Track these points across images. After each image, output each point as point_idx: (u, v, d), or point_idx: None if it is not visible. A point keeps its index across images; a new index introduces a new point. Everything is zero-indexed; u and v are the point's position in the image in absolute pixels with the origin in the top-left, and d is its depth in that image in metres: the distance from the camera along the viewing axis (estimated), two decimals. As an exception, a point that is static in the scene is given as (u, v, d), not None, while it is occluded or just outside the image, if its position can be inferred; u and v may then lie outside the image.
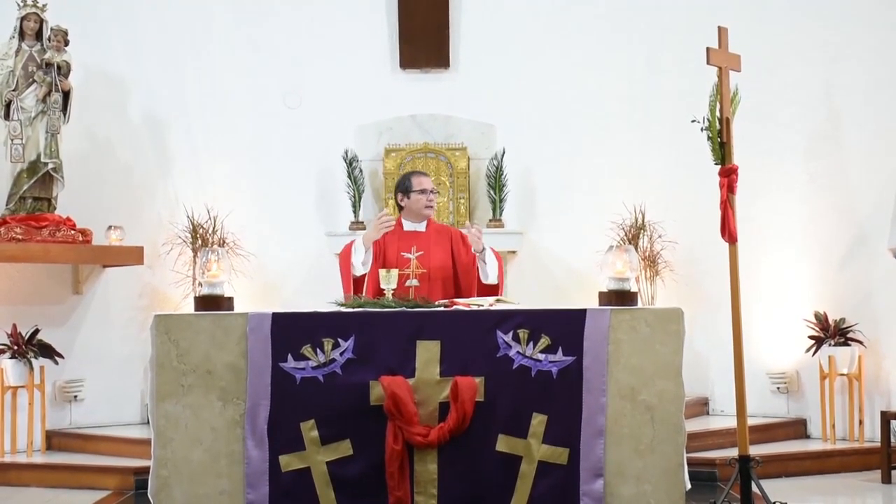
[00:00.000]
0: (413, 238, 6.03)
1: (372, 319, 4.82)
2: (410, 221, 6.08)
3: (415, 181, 6.02)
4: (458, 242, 6.04)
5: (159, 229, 8.08)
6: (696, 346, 7.53)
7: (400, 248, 5.97)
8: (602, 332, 4.77)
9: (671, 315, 4.83)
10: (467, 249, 5.98)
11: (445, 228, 6.22)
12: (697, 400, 7.79)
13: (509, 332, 4.80)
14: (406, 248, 5.92)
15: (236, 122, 8.40)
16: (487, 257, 5.84)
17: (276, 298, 8.22)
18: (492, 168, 8.33)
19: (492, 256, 5.87)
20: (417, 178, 6.03)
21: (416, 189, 5.99)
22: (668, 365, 4.78)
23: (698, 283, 7.89)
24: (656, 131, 8.21)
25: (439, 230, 6.15)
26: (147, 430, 6.43)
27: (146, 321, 7.42)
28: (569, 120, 8.41)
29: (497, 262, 5.88)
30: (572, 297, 7.89)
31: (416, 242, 5.97)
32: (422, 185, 5.99)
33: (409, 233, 6.09)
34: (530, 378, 4.77)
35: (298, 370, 4.77)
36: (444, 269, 5.95)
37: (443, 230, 6.16)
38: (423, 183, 6.00)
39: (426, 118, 8.57)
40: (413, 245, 5.94)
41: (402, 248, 5.96)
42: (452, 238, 6.06)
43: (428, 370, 4.79)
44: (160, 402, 4.75)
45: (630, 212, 8.02)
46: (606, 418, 4.75)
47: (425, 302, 5.15)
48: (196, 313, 4.88)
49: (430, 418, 4.77)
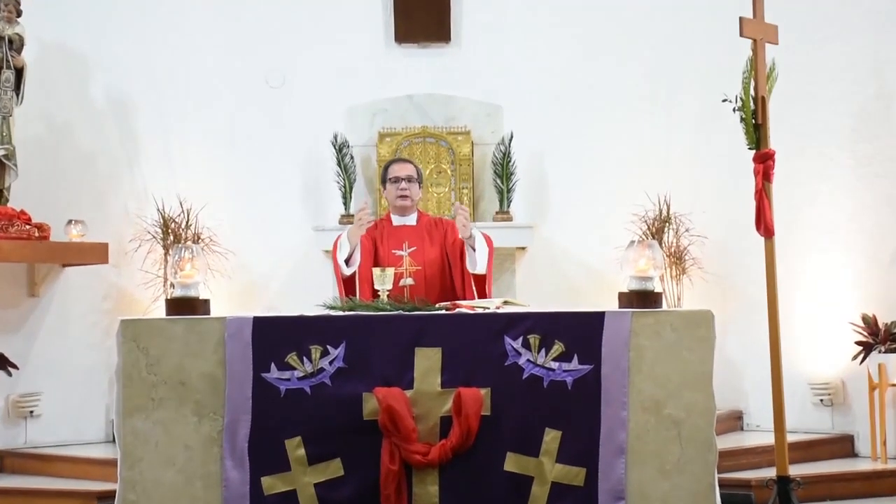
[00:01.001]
0: (403, 233, 6.06)
1: (365, 324, 4.83)
2: (398, 215, 6.09)
3: (390, 169, 6.06)
4: (450, 234, 6.06)
5: (126, 224, 8.08)
6: (728, 353, 7.53)
7: (391, 245, 6.00)
8: (622, 338, 4.78)
9: (700, 318, 4.84)
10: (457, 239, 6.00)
11: (439, 221, 6.24)
12: (730, 413, 7.78)
13: (519, 337, 4.81)
14: (397, 244, 5.94)
15: (212, 103, 8.40)
16: (477, 244, 5.83)
17: (258, 301, 8.24)
18: (498, 154, 8.34)
19: (482, 243, 5.88)
20: (393, 166, 6.07)
21: (390, 178, 6.01)
22: (697, 374, 4.79)
23: (731, 283, 7.89)
24: (683, 112, 8.21)
25: (432, 223, 6.18)
26: (112, 450, 6.43)
27: (111, 327, 7.48)
28: (584, 100, 8.41)
29: (487, 250, 5.87)
30: (589, 298, 7.92)
31: (408, 237, 6.00)
32: (394, 173, 6.00)
33: (399, 228, 6.11)
34: (542, 389, 4.78)
35: (283, 381, 4.77)
36: (441, 264, 5.98)
37: (436, 223, 6.19)
38: (395, 170, 6.03)
39: (425, 98, 8.57)
40: (404, 241, 5.97)
41: (393, 244, 5.98)
42: (447, 231, 6.08)
43: (428, 381, 4.80)
44: (127, 417, 4.75)
45: (654, 203, 8.02)
46: (628, 434, 4.76)
47: (424, 304, 5.17)
48: (168, 318, 4.87)
49: (430, 434, 4.79)
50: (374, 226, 6.21)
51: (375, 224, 6.23)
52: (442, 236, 6.11)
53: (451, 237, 6.08)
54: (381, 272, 5.45)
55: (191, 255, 5.04)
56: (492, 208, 8.40)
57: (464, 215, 5.80)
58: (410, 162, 6.27)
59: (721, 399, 4.96)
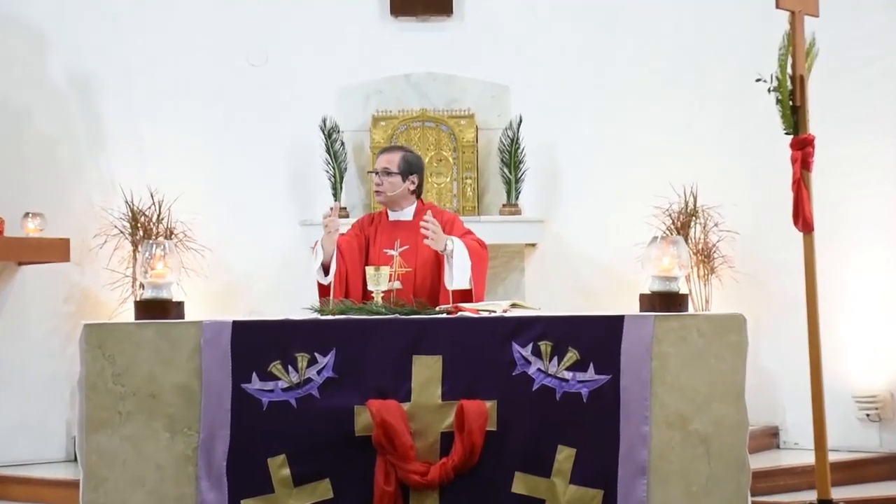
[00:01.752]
0: (398, 230, 6.05)
1: (357, 329, 4.84)
2: (393, 210, 6.08)
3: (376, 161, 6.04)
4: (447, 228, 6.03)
5: (90, 217, 8.07)
6: (762, 362, 7.55)
7: (383, 242, 6.01)
8: (644, 345, 4.79)
9: (731, 322, 4.84)
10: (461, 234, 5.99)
11: (439, 212, 6.21)
12: (765, 430, 7.80)
13: (528, 344, 4.82)
14: (389, 242, 5.92)
15: (187, 83, 8.40)
16: (456, 255, 5.82)
17: (238, 303, 8.26)
18: (506, 140, 8.34)
19: (462, 254, 5.84)
20: (377, 157, 6.05)
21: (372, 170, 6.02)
22: (728, 385, 4.79)
23: (765, 283, 7.90)
24: (711, 93, 8.21)
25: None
26: (74, 469, 6.38)
27: (73, 332, 7.36)
28: (601, 80, 8.42)
29: (468, 262, 5.84)
30: (606, 300, 7.92)
31: (402, 235, 6.00)
32: (374, 166, 5.98)
33: (394, 223, 6.10)
34: (554, 402, 4.78)
35: (265, 393, 4.77)
36: (435, 267, 5.98)
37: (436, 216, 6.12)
38: (375, 163, 6.01)
39: (424, 78, 8.57)
40: (396, 238, 5.97)
41: (386, 242, 5.98)
42: (445, 221, 6.06)
43: (427, 392, 4.80)
44: (91, 433, 4.73)
45: (678, 194, 8.03)
46: (650, 452, 4.76)
47: (423, 307, 5.16)
48: (137, 322, 4.88)
49: (429, 452, 4.78)
50: (370, 220, 6.19)
51: (371, 218, 6.21)
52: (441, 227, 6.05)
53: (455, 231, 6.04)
54: (374, 271, 5.44)
55: (163, 252, 5.03)
56: (498, 200, 8.40)
57: (425, 228, 5.74)
58: (395, 149, 6.21)
59: (754, 413, 4.97)
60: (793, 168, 5.33)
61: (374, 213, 6.45)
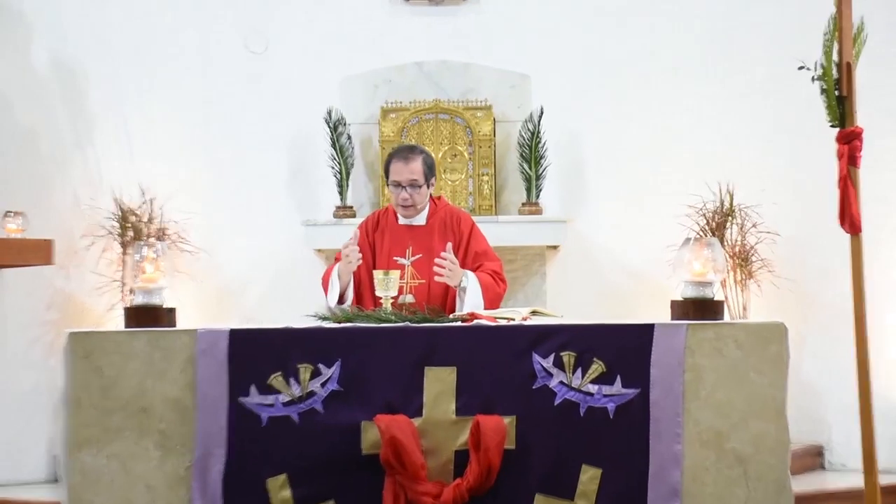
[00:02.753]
0: (408, 236, 6.06)
1: (365, 339, 4.89)
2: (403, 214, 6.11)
3: (391, 168, 6.05)
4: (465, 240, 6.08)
5: (75, 217, 8.05)
6: (805, 375, 7.53)
7: (392, 249, 6.00)
8: (676, 356, 4.83)
9: (770, 332, 4.88)
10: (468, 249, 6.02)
11: (455, 217, 6.21)
12: (808, 449, 7.77)
13: (550, 355, 4.86)
14: (399, 249, 5.92)
15: (180, 72, 8.41)
16: (469, 293, 5.84)
17: (236, 310, 8.27)
18: (526, 134, 8.32)
19: (475, 292, 5.85)
20: (393, 164, 6.05)
21: (390, 180, 6.03)
22: (767, 400, 4.83)
23: (808, 289, 7.90)
24: (750, 83, 8.18)
25: (447, 221, 6.16)
26: (56, 491, 6.40)
27: (57, 341, 7.40)
28: (629, 68, 8.42)
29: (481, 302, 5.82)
30: (634, 307, 7.94)
31: (413, 241, 6.01)
32: (394, 176, 6.00)
33: (404, 228, 6.08)
34: (578, 418, 4.83)
35: (265, 407, 4.81)
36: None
37: (452, 220, 6.17)
38: (395, 173, 6.01)
39: (437, 67, 8.57)
40: (409, 245, 5.95)
41: (395, 249, 5.99)
42: (464, 234, 6.09)
43: (440, 407, 4.84)
44: (75, 451, 4.77)
45: (714, 192, 8.03)
46: (682, 473, 4.79)
47: (436, 315, 5.19)
48: (126, 330, 4.91)
49: (442, 472, 4.82)
50: (376, 221, 6.17)
51: (377, 218, 6.19)
52: (455, 239, 6.09)
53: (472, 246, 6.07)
54: (383, 276, 5.48)
55: (154, 254, 5.07)
56: (517, 199, 8.40)
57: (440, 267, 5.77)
58: (414, 154, 6.16)
59: (796, 431, 5.05)
60: (838, 163, 5.30)
61: (379, 211, 6.41)
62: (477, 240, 6.16)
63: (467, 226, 6.14)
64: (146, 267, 5.03)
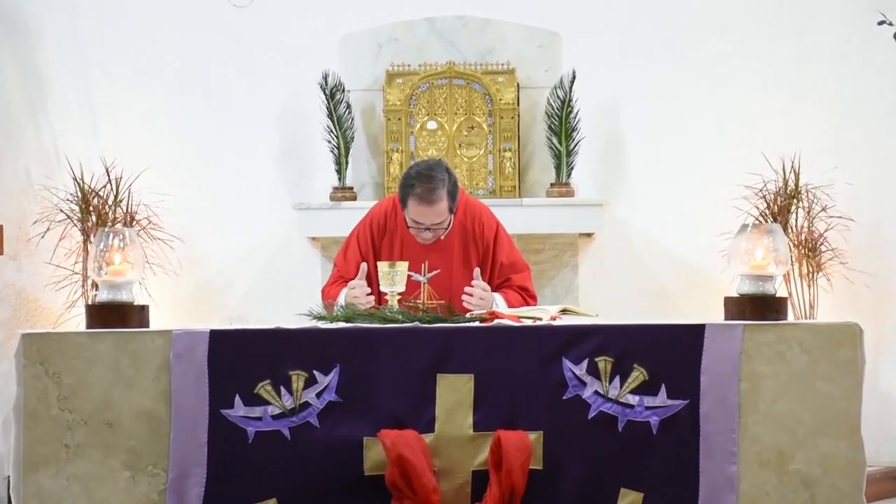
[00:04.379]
0: (424, 247, 6.07)
1: (367, 341, 4.91)
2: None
3: (410, 203, 5.99)
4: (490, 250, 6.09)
5: (28, 198, 8.07)
6: (884, 386, 7.53)
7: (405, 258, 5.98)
8: (730, 362, 4.84)
9: (843, 334, 4.88)
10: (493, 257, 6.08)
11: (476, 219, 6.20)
12: (887, 472, 7.77)
13: (583, 360, 4.88)
14: (413, 264, 5.91)
15: (152, 30, 8.41)
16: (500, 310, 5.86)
17: (218, 307, 8.32)
18: (555, 102, 8.29)
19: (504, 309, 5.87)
20: (414, 207, 5.99)
21: (409, 217, 6.03)
22: (839, 415, 4.83)
23: (887, 284, 7.98)
24: (818, 42, 8.19)
25: (466, 227, 6.18)
26: (8, 517, 6.41)
27: (9, 344, 7.39)
28: (677, 26, 8.40)
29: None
30: (682, 305, 8.05)
31: (428, 255, 6.01)
32: (416, 218, 6.01)
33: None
34: (616, 434, 4.86)
35: (252, 421, 4.84)
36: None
37: (472, 225, 6.18)
38: (419, 215, 5.99)
39: (451, 23, 8.55)
40: (424, 259, 5.96)
41: (407, 259, 5.95)
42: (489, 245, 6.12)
43: (455, 421, 4.85)
44: (30, 472, 4.78)
45: (776, 171, 8.02)
46: (738, 498, 4.80)
47: (451, 313, 5.25)
48: (89, 331, 4.92)
49: (457, 496, 4.84)
50: (383, 224, 6.19)
51: (383, 219, 6.20)
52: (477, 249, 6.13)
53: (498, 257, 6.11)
54: (389, 268, 5.50)
55: (121, 243, 5.06)
56: (545, 179, 8.39)
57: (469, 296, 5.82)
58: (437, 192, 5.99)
59: (873, 451, 5.06)
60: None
61: (385, 206, 6.31)
62: (503, 248, 6.19)
63: (491, 231, 6.18)
64: (112, 257, 5.02)
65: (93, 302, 5.08)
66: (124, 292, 4.98)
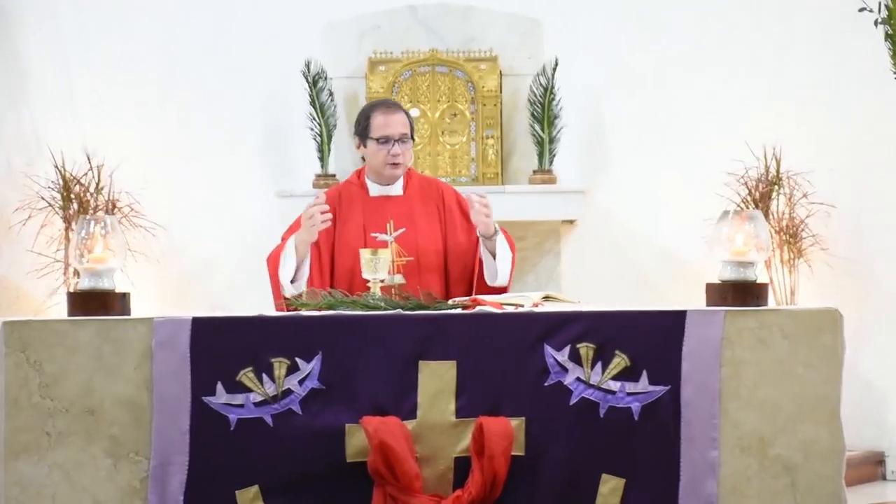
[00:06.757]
0: (386, 207, 6.02)
1: (349, 328, 4.88)
2: (376, 182, 6.07)
3: (373, 121, 5.99)
4: (453, 208, 6.06)
5: (8, 186, 8.10)
6: (863, 371, 7.55)
7: (367, 225, 5.96)
8: (712, 348, 4.83)
9: (823, 320, 4.88)
10: (466, 221, 5.99)
11: (433, 185, 6.23)
12: (867, 456, 7.80)
13: (565, 347, 4.86)
14: (377, 224, 5.93)
15: (133, 17, 8.40)
16: (499, 246, 5.85)
17: (200, 295, 8.35)
18: (537, 90, 8.35)
19: (504, 245, 5.90)
20: (377, 117, 5.99)
21: (375, 135, 5.97)
22: (819, 400, 4.83)
23: (867, 270, 7.94)
24: (800, 28, 8.18)
25: (425, 189, 6.15)
26: (-9, 505, 6.46)
27: (-10, 332, 7.44)
28: (660, 12, 8.41)
29: (511, 255, 5.90)
30: (663, 291, 8.04)
31: (393, 213, 5.97)
32: (382, 131, 5.96)
33: (379, 199, 6.07)
34: (598, 419, 4.84)
35: (234, 408, 4.82)
36: (441, 251, 6.00)
37: (430, 188, 6.17)
38: (383, 126, 5.97)
39: (433, 10, 8.58)
40: (389, 219, 5.94)
41: (371, 224, 5.95)
42: (444, 201, 6.08)
43: (437, 407, 4.85)
44: (11, 459, 4.76)
45: (757, 157, 8.06)
46: (719, 484, 4.79)
47: (433, 301, 5.18)
48: (71, 319, 4.90)
49: (440, 482, 4.83)
50: (338, 195, 6.08)
51: (338, 193, 6.11)
52: (438, 208, 6.09)
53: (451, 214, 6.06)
54: (371, 255, 5.46)
55: (103, 230, 5.04)
56: (527, 166, 8.43)
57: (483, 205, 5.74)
58: (397, 105, 6.17)
59: (853, 436, 5.03)
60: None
61: (339, 185, 6.37)
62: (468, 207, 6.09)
63: (452, 196, 6.11)
64: (93, 245, 5.00)
65: (74, 290, 5.09)
66: (106, 280, 4.97)
